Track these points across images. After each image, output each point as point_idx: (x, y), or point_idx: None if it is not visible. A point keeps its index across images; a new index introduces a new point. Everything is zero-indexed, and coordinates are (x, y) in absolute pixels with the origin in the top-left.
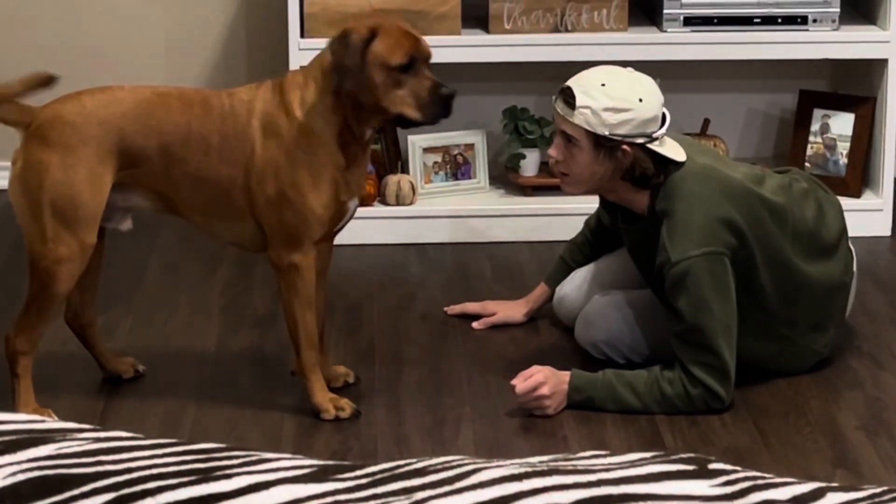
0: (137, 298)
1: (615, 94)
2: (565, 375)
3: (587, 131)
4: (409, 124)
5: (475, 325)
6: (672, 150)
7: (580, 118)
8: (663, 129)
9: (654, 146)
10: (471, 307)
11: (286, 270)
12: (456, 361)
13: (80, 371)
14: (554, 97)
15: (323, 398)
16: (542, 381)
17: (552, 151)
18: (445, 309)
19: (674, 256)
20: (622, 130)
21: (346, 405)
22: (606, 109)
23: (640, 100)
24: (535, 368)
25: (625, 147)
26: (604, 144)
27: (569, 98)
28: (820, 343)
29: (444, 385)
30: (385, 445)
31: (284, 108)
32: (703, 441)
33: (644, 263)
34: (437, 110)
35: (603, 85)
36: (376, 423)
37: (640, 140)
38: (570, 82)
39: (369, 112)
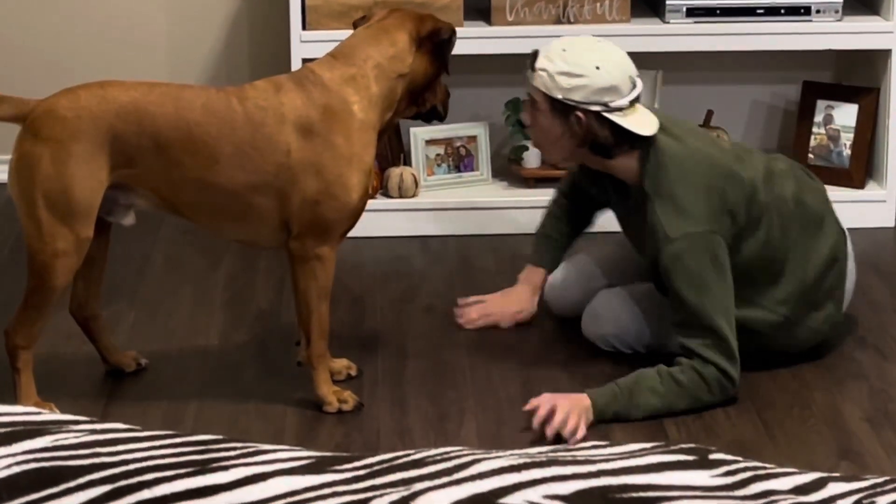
0: (140, 292)
1: (571, 59)
2: (575, 396)
3: (545, 94)
4: (431, 117)
5: (501, 324)
6: (637, 122)
7: (539, 80)
8: (624, 101)
9: (613, 116)
10: (480, 321)
11: (308, 260)
12: (459, 354)
13: (83, 365)
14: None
15: (326, 390)
16: (551, 408)
17: (523, 115)
18: (461, 323)
19: (671, 233)
20: (576, 96)
21: (349, 397)
22: (561, 73)
23: (597, 67)
24: (534, 402)
25: (578, 113)
26: (558, 108)
27: (533, 61)
28: (818, 320)
29: (447, 377)
30: (388, 438)
31: (342, 106)
32: (708, 433)
33: (636, 234)
34: (447, 108)
35: (564, 50)
36: (379, 416)
37: (596, 108)
38: (541, 47)
39: (413, 105)
